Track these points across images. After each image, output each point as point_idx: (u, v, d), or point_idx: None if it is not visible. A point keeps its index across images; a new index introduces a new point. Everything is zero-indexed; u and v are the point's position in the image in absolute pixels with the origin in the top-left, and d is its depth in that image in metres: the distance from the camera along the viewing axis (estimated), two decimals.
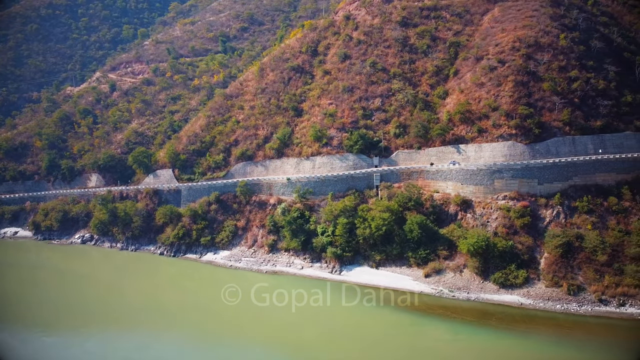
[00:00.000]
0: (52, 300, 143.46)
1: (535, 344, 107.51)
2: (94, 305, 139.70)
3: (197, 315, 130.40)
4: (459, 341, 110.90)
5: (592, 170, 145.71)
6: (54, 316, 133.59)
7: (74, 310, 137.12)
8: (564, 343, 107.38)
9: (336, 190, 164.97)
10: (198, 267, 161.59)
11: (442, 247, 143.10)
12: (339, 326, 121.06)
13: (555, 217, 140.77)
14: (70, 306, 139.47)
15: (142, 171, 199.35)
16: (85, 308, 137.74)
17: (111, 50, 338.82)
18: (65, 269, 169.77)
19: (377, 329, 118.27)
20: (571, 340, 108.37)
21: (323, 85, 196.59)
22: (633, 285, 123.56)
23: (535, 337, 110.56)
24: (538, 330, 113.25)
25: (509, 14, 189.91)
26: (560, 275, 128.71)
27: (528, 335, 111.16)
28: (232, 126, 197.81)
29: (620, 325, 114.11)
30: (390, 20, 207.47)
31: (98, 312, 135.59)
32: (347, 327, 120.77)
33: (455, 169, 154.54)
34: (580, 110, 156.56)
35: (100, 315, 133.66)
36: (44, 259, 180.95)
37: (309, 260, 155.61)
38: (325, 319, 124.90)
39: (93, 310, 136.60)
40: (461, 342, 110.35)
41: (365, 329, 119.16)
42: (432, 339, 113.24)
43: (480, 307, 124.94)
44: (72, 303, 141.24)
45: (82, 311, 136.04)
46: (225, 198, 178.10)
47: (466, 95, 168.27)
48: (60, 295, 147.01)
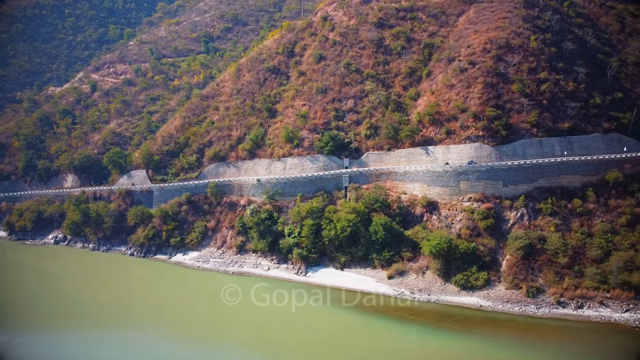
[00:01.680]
0: (24, 299, 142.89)
1: (487, 346, 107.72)
2: (65, 304, 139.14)
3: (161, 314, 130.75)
4: (410, 343, 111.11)
5: (557, 172, 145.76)
6: (28, 314, 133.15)
7: (45, 308, 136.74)
8: (515, 345, 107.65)
9: (305, 191, 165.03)
10: (166, 268, 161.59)
11: (406, 248, 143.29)
12: (295, 327, 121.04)
13: (519, 219, 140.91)
14: (42, 305, 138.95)
15: (117, 172, 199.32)
16: (57, 307, 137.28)
17: (97, 50, 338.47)
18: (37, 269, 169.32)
19: (331, 330, 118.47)
20: (523, 343, 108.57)
21: (298, 86, 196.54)
22: (592, 287, 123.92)
23: (489, 339, 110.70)
24: (493, 332, 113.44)
25: (483, 16, 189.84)
26: (520, 278, 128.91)
27: (481, 337, 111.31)
28: (207, 127, 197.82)
29: (576, 327, 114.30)
30: (366, 22, 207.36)
31: (69, 311, 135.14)
32: (302, 327, 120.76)
33: (422, 170, 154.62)
34: (549, 112, 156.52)
35: (72, 314, 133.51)
36: (15, 259, 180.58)
37: (276, 262, 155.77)
38: (283, 319, 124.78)
39: (65, 309, 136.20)
40: (413, 345, 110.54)
41: (320, 330, 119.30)
42: (383, 341, 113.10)
43: (439, 309, 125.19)
44: (43, 302, 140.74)
45: (53, 310, 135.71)
46: (197, 199, 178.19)
47: (437, 97, 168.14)
48: (32, 294, 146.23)
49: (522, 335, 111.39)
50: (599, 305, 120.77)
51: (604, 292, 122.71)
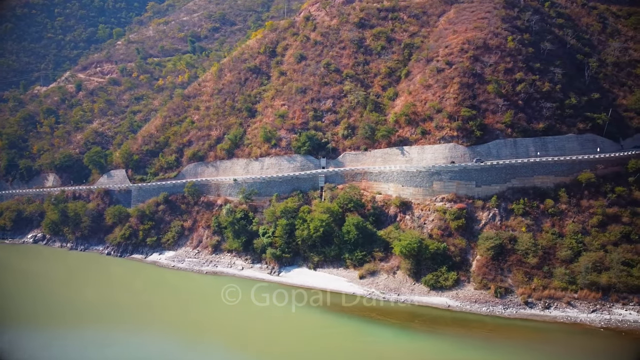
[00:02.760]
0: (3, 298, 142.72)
1: (449, 346, 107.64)
2: (44, 304, 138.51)
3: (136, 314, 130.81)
4: (373, 343, 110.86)
5: (530, 172, 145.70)
6: (8, 314, 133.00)
7: (25, 308, 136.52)
8: (478, 345, 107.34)
9: (281, 191, 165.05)
10: (140, 268, 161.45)
11: (378, 248, 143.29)
12: (263, 326, 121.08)
13: (490, 220, 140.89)
14: (23, 304, 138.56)
15: (98, 171, 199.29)
16: (37, 307, 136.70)
17: (86, 49, 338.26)
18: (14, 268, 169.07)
19: (297, 330, 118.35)
20: (487, 343, 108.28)
21: (278, 86, 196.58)
22: (560, 288, 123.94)
23: (452, 339, 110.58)
24: (457, 332, 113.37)
25: (463, 16, 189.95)
26: (489, 278, 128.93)
27: (445, 338, 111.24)
28: (187, 127, 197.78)
29: (541, 328, 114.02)
30: (347, 22, 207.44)
31: (49, 311, 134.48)
32: (270, 327, 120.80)
33: (396, 170, 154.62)
34: (524, 113, 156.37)
35: (52, 314, 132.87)
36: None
37: (250, 261, 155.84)
38: (252, 319, 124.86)
39: (44, 309, 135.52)
40: (375, 345, 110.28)
41: (287, 330, 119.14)
42: (347, 341, 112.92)
43: (408, 309, 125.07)
44: (23, 301, 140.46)
45: (34, 310, 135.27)
46: (174, 198, 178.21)
47: (414, 97, 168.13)
48: (10, 294, 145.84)
49: (487, 336, 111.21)
50: (566, 306, 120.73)
51: (571, 292, 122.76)
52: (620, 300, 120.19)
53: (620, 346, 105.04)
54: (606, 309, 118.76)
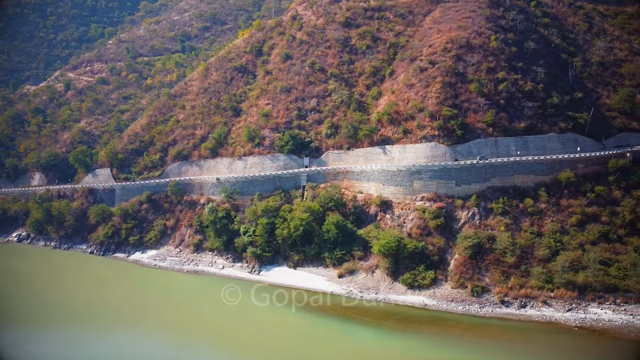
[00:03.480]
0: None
1: (421, 344, 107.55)
2: (30, 303, 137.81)
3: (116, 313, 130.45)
4: (346, 342, 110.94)
5: (510, 172, 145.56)
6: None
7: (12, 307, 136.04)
8: (450, 344, 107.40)
9: (263, 190, 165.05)
10: (122, 267, 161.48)
11: (358, 247, 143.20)
12: (238, 325, 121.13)
13: (470, 219, 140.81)
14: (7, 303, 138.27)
15: (83, 170, 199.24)
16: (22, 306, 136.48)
17: (77, 49, 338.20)
18: None
19: (271, 328, 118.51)
20: (458, 342, 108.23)
21: (263, 85, 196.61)
22: (537, 287, 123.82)
23: (425, 337, 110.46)
24: (431, 331, 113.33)
25: (448, 15, 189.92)
26: (466, 277, 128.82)
27: (417, 336, 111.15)
28: (172, 126, 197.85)
29: (516, 327, 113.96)
30: (334, 21, 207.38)
31: (35, 310, 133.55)
32: (246, 326, 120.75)
33: (377, 169, 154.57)
34: (506, 112, 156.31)
35: (38, 313, 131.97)
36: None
37: (231, 260, 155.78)
38: (229, 317, 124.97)
39: (30, 308, 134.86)
40: (347, 343, 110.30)
41: (261, 328, 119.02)
42: (321, 340, 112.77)
43: (384, 308, 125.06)
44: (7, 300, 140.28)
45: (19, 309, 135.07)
46: (158, 197, 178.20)
47: (397, 96, 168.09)
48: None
49: (460, 335, 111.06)
50: (542, 305, 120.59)
51: (548, 291, 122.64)
52: (597, 299, 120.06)
53: (593, 345, 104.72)
54: (582, 308, 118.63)
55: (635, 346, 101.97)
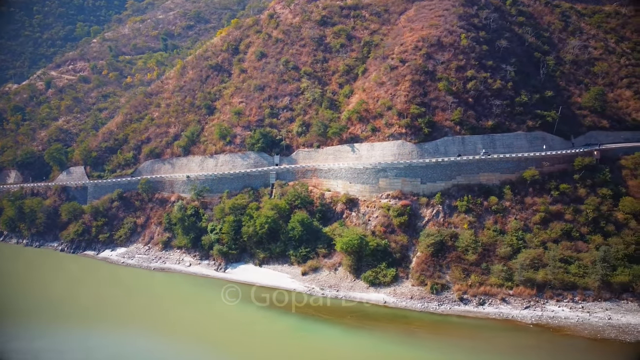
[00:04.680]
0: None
1: (374, 341, 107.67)
2: None
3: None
4: (300, 338, 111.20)
5: (476, 170, 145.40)
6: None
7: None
8: (401, 340, 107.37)
9: (232, 188, 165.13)
10: (89, 264, 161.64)
11: (322, 245, 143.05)
12: (197, 322, 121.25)
13: (434, 216, 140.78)
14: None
15: (58, 168, 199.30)
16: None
17: (62, 47, 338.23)
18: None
19: (228, 324, 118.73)
20: (411, 338, 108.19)
21: (238, 83, 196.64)
22: (496, 284, 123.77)
23: (379, 334, 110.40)
24: (386, 328, 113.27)
25: (422, 14, 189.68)
26: (427, 274, 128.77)
27: (373, 333, 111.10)
28: (147, 124, 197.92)
29: (472, 324, 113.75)
30: (310, 19, 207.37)
31: None
32: (204, 323, 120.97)
33: (344, 167, 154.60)
34: (474, 110, 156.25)
35: None
36: None
37: (198, 258, 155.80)
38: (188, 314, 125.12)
39: None
40: (303, 339, 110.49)
41: (217, 326, 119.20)
42: (275, 337, 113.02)
43: (344, 305, 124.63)
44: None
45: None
46: (129, 195, 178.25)
47: (367, 95, 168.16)
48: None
49: (413, 332, 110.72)
50: (500, 302, 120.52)
51: (507, 289, 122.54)
52: (555, 297, 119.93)
53: (544, 342, 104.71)
54: (540, 305, 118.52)
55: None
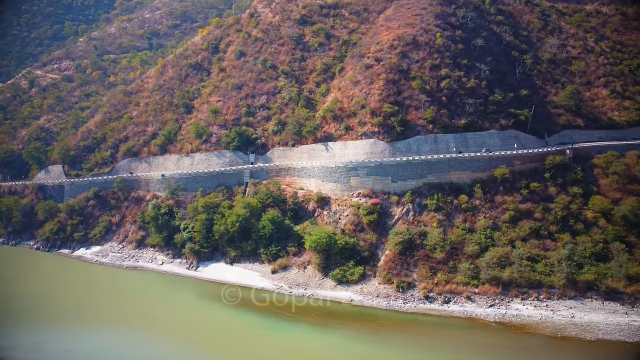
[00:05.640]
0: None
1: (335, 339, 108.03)
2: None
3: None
4: (261, 336, 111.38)
5: (447, 168, 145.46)
6: None
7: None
8: (362, 338, 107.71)
9: (207, 186, 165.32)
10: (62, 262, 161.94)
11: (293, 244, 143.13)
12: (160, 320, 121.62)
13: (404, 215, 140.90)
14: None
15: (37, 167, 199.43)
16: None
17: (50, 47, 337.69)
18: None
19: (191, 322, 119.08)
20: (373, 336, 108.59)
21: (217, 82, 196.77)
22: (462, 283, 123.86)
23: (341, 332, 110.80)
24: (349, 326, 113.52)
25: (400, 13, 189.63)
26: (394, 273, 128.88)
27: (334, 331, 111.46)
28: (125, 122, 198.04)
29: (434, 322, 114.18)
30: (289, 18, 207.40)
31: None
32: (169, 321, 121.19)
33: (317, 166, 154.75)
34: (447, 109, 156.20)
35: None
36: None
37: (171, 256, 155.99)
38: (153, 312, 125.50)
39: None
40: (263, 338, 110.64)
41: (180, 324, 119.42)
42: (237, 334, 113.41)
43: (311, 304, 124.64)
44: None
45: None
46: (105, 194, 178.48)
47: (342, 93, 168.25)
48: None
49: (376, 330, 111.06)
50: (465, 301, 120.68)
51: (473, 287, 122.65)
52: (520, 295, 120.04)
53: (503, 340, 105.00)
54: (504, 303, 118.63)
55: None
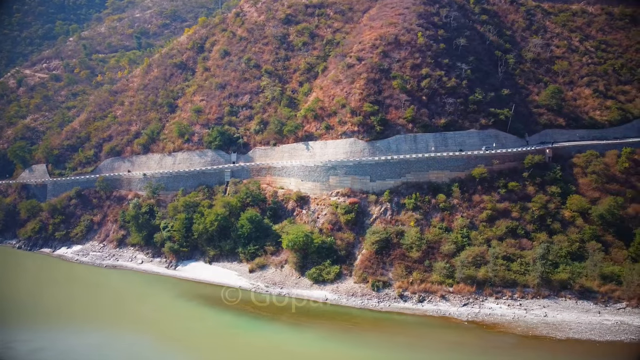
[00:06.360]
0: None
1: (305, 339, 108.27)
2: None
3: None
4: (233, 335, 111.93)
5: (425, 168, 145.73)
6: None
7: None
8: (334, 338, 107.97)
9: (188, 185, 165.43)
10: (42, 261, 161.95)
11: (271, 243, 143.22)
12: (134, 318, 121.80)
13: (382, 214, 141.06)
14: None
15: (21, 166, 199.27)
16: None
17: (41, 46, 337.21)
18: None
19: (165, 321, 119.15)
20: (345, 335, 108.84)
21: (201, 81, 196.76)
22: (437, 282, 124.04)
23: (312, 332, 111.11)
24: (322, 325, 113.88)
25: (383, 12, 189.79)
26: (370, 272, 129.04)
27: (307, 331, 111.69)
28: (109, 122, 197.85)
29: (407, 321, 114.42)
30: (274, 18, 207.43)
31: None
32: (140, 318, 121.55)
33: (297, 165, 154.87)
34: (427, 108, 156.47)
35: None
36: None
37: (151, 255, 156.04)
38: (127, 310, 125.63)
39: None
40: (232, 336, 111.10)
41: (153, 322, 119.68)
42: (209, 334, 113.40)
43: (285, 302, 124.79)
44: None
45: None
46: (88, 193, 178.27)
47: (324, 93, 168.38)
48: None
49: (349, 329, 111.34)
50: (439, 300, 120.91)
51: (447, 286, 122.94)
52: (494, 294, 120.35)
53: (473, 339, 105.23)
54: (478, 302, 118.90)
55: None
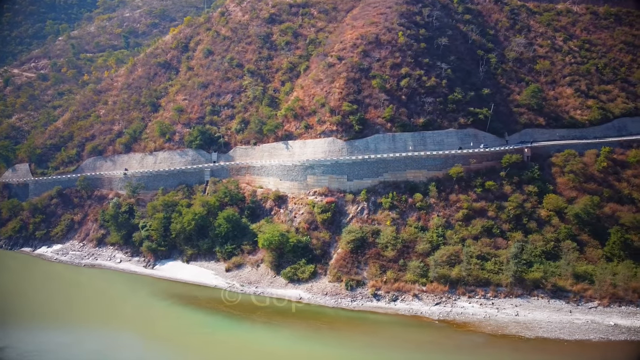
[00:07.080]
0: None
1: (276, 337, 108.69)
2: None
3: None
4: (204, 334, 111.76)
5: (403, 167, 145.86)
6: None
7: None
8: (304, 337, 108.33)
9: (168, 185, 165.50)
10: (20, 260, 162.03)
11: (248, 242, 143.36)
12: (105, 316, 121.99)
13: (359, 213, 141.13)
14: None
15: (4, 165, 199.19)
16: None
17: (30, 45, 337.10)
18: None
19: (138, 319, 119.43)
20: (314, 335, 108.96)
21: (184, 81, 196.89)
22: (411, 281, 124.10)
23: (283, 331, 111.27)
24: (295, 324, 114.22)
25: (366, 11, 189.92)
26: (344, 271, 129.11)
27: (279, 329, 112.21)
28: (93, 121, 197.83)
29: (379, 320, 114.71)
30: (258, 17, 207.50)
31: None
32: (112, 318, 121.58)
33: (275, 165, 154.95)
34: (406, 108, 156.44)
35: None
36: None
37: (129, 254, 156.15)
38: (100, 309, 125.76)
39: None
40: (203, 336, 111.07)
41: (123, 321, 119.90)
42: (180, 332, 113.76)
43: (259, 301, 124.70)
44: None
45: None
46: (69, 192, 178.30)
47: (305, 92, 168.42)
48: None
49: (319, 328, 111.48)
50: (412, 299, 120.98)
51: (421, 285, 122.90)
52: (467, 293, 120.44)
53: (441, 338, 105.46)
54: (450, 302, 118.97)
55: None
